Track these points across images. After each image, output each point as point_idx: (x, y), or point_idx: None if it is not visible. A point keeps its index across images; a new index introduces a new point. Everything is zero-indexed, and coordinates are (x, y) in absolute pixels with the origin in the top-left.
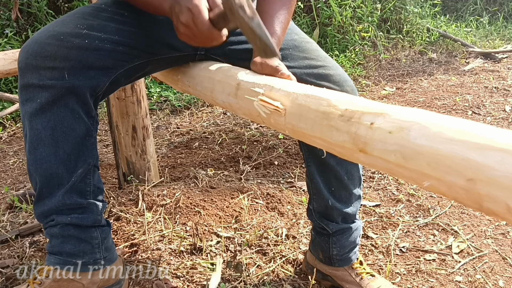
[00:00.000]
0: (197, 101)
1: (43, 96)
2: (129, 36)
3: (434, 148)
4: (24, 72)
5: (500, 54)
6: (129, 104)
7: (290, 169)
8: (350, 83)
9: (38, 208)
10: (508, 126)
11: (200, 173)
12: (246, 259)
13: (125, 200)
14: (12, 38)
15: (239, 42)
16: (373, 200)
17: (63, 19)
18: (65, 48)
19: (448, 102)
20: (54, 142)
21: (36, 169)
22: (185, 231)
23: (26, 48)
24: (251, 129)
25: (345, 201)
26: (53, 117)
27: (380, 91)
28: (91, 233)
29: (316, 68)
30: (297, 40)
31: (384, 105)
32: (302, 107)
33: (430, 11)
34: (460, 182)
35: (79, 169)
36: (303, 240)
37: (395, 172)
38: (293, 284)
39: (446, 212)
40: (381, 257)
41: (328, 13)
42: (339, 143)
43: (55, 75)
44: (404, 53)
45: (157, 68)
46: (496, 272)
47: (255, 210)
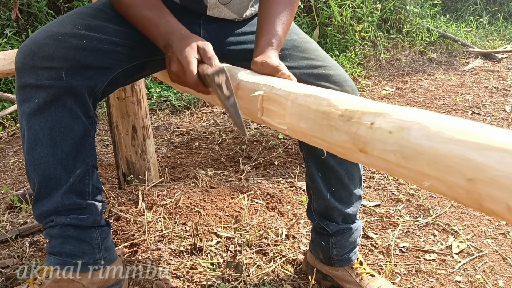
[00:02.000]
0: (197, 101)
1: (40, 96)
2: (127, 37)
3: (434, 148)
4: (21, 72)
5: (500, 54)
6: (129, 104)
7: (290, 169)
8: (350, 83)
9: (37, 208)
10: (508, 126)
11: (200, 173)
12: (246, 259)
13: (125, 200)
14: (12, 38)
15: (239, 43)
16: (373, 200)
17: (61, 20)
18: (63, 48)
19: (448, 102)
20: (52, 142)
21: (34, 169)
22: (185, 231)
23: (24, 48)
24: (251, 129)
25: (345, 201)
26: (51, 117)
27: (380, 91)
28: (90, 233)
29: (316, 68)
30: (297, 40)
31: (384, 105)
32: (302, 107)
33: (430, 11)
34: (460, 182)
35: (78, 169)
36: (303, 240)
37: (395, 172)
38: (293, 284)
39: (446, 212)
40: (381, 257)
41: (328, 13)
42: (339, 143)
43: (52, 75)
44: (404, 53)
45: (156, 69)
46: (496, 272)
47: (255, 210)
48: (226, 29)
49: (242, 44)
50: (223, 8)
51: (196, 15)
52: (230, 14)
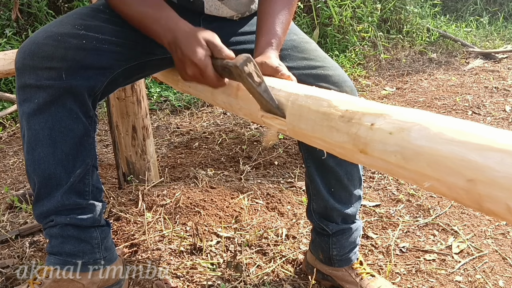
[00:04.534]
0: (197, 101)
1: (40, 96)
2: (126, 37)
3: (434, 149)
4: (21, 72)
5: (500, 54)
6: (129, 104)
7: (290, 169)
8: (349, 84)
9: (37, 208)
10: (508, 126)
11: (200, 173)
12: (246, 259)
13: (125, 200)
14: (12, 38)
15: (239, 42)
16: (373, 200)
17: (60, 20)
18: (63, 48)
19: (448, 102)
20: (52, 142)
21: (34, 169)
22: (185, 231)
23: (24, 48)
24: (251, 129)
25: (345, 201)
26: (51, 118)
27: (380, 91)
28: (90, 233)
29: (315, 68)
30: (296, 41)
31: (384, 106)
32: (303, 107)
33: (430, 11)
34: (460, 182)
35: (78, 169)
36: (303, 240)
37: (395, 173)
38: (293, 284)
39: (446, 212)
40: (381, 257)
41: (328, 13)
42: (340, 144)
43: (52, 75)
44: (404, 53)
45: (156, 69)
46: (496, 272)
47: (255, 210)
48: (226, 29)
49: (242, 44)
50: (220, 4)
51: (195, 14)
52: (228, 11)
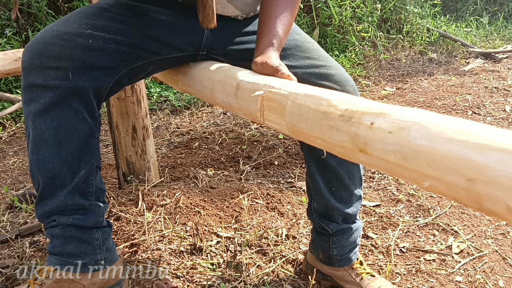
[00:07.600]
0: (197, 101)
1: (47, 96)
2: (132, 36)
3: (434, 148)
4: (28, 71)
5: (500, 54)
6: (129, 104)
7: (290, 169)
8: (351, 83)
9: (39, 208)
10: (508, 126)
11: (200, 173)
12: (246, 259)
13: (125, 200)
14: (12, 38)
15: (242, 42)
16: (373, 200)
17: (66, 19)
18: (69, 48)
19: (448, 102)
20: (57, 142)
21: (39, 169)
22: (185, 231)
23: (30, 47)
24: (251, 129)
25: (345, 201)
26: (57, 118)
27: (380, 91)
28: (92, 234)
29: (317, 67)
30: (299, 40)
31: (384, 105)
32: (302, 107)
33: (430, 11)
34: (460, 182)
35: (82, 170)
36: (303, 240)
37: (395, 172)
38: (293, 284)
39: (446, 212)
40: (381, 257)
41: (328, 13)
42: (339, 143)
43: (59, 75)
44: (404, 53)
45: (159, 68)
46: (496, 272)
47: (255, 210)
48: (230, 28)
49: (245, 43)
50: (226, 3)
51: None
52: (234, 11)
